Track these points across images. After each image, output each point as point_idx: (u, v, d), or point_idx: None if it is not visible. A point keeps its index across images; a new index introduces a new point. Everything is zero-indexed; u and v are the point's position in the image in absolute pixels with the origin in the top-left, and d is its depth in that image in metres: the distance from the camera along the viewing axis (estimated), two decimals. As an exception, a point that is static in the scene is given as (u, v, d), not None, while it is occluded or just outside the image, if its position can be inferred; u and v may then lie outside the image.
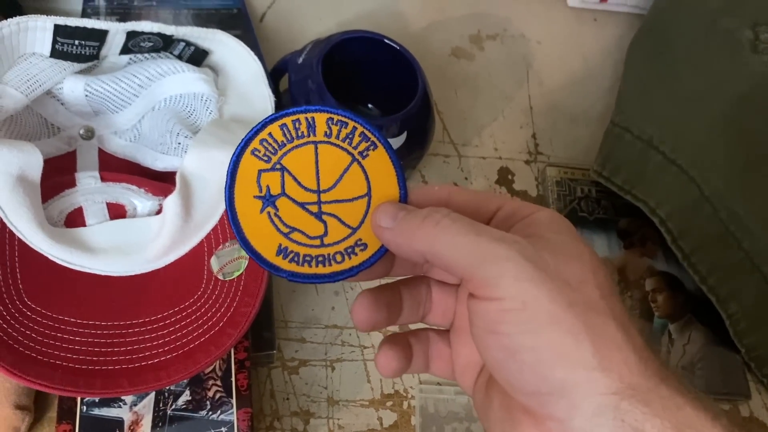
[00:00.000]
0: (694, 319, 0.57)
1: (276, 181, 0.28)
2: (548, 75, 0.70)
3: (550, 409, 0.24)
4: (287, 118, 0.29)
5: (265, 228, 0.28)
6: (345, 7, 0.69)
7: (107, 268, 0.43)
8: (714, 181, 0.53)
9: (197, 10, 0.64)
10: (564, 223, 0.27)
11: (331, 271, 0.28)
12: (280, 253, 0.28)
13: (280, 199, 0.28)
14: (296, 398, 0.50)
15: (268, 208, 0.28)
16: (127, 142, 0.52)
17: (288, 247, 0.28)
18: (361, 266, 0.28)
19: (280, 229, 0.28)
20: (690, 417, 0.23)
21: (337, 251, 0.28)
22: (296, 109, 0.29)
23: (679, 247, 0.54)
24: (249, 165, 0.28)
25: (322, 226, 0.28)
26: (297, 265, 0.28)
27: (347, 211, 0.28)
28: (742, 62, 0.56)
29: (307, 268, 0.28)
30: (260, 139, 0.28)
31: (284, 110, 0.29)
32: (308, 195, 0.28)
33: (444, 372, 0.32)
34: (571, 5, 0.74)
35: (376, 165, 0.29)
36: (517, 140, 0.65)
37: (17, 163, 0.41)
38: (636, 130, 0.56)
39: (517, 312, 0.24)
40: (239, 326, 0.42)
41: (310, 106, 0.29)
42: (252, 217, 0.28)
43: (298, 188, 0.28)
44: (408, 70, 0.55)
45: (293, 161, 0.28)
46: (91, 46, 0.47)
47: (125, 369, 0.40)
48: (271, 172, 0.28)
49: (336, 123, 0.29)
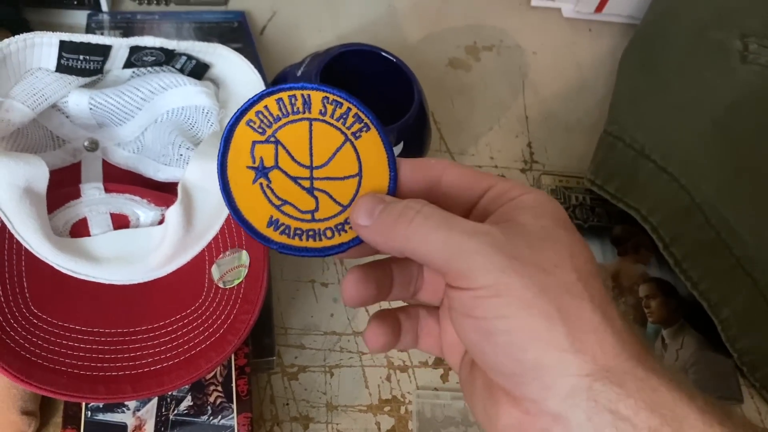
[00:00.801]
0: (687, 324, 0.58)
1: (270, 153, 0.28)
2: (544, 84, 0.71)
3: (524, 390, 0.25)
4: (284, 93, 0.29)
5: (257, 199, 0.28)
6: (344, 20, 0.71)
7: (111, 277, 0.44)
8: (704, 188, 0.54)
9: (199, 23, 0.65)
10: (549, 206, 0.28)
11: (322, 246, 0.28)
12: (270, 225, 0.28)
13: (272, 172, 0.28)
14: (296, 403, 0.51)
15: (260, 180, 0.28)
16: (131, 154, 0.53)
17: (279, 219, 0.28)
18: (350, 243, 0.29)
19: (271, 201, 0.28)
20: (665, 397, 0.24)
21: (328, 227, 0.28)
22: (293, 84, 0.29)
23: (671, 254, 0.55)
24: (243, 135, 0.28)
25: (314, 201, 0.29)
26: (288, 238, 0.28)
27: (338, 189, 0.29)
28: (732, 72, 0.57)
29: (298, 241, 0.28)
30: (256, 111, 0.29)
31: (281, 85, 0.29)
32: (301, 170, 0.29)
33: (432, 348, 0.32)
34: (566, 16, 0.76)
35: (368, 146, 0.30)
36: (513, 149, 0.66)
37: (24, 176, 0.42)
38: (628, 138, 0.57)
39: (490, 299, 0.25)
40: (239, 333, 0.43)
41: (307, 83, 0.29)
42: (244, 187, 0.28)
43: (291, 162, 0.29)
44: (404, 82, 0.56)
45: (287, 135, 0.29)
46: (96, 61, 0.49)
47: (128, 375, 0.41)
48: (265, 144, 0.28)
49: (331, 102, 0.29)
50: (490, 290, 0.25)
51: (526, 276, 0.25)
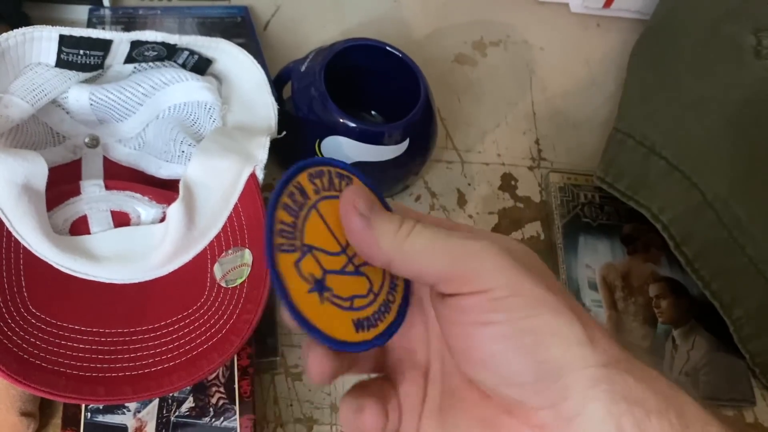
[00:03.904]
0: (698, 324, 0.57)
1: (312, 264, 0.27)
2: (551, 81, 0.70)
3: (543, 397, 0.24)
4: (283, 197, 0.27)
5: (334, 314, 0.26)
6: (349, 15, 0.70)
7: (111, 276, 0.43)
8: (717, 186, 0.53)
9: (201, 18, 0.65)
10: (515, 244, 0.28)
11: (396, 312, 0.28)
12: (358, 329, 0.27)
13: (326, 279, 0.27)
14: (299, 405, 0.50)
15: (325, 294, 0.26)
16: (132, 150, 0.52)
17: (359, 317, 0.27)
18: (407, 287, 0.29)
19: (344, 307, 0.27)
20: (664, 384, 0.24)
21: (387, 291, 0.28)
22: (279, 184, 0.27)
23: (682, 253, 0.54)
24: (286, 264, 0.26)
25: (365, 279, 0.28)
26: (374, 329, 0.27)
27: None
28: (745, 68, 0.56)
29: (381, 324, 0.28)
30: (278, 231, 0.26)
31: (273, 193, 0.27)
32: (340, 259, 0.28)
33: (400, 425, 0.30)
34: (574, 11, 0.75)
35: None
36: (521, 146, 0.65)
37: (22, 173, 0.41)
38: (638, 135, 0.56)
39: (509, 299, 0.24)
40: (242, 333, 0.42)
41: (289, 171, 0.27)
42: (319, 312, 0.26)
43: (330, 258, 0.27)
44: (410, 77, 0.55)
45: (312, 235, 0.27)
46: (96, 56, 0.48)
47: (129, 376, 0.40)
48: (303, 259, 0.26)
49: (315, 176, 0.28)
50: (505, 289, 0.24)
51: (533, 277, 0.25)
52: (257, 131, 0.50)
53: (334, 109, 0.51)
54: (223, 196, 0.46)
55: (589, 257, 0.58)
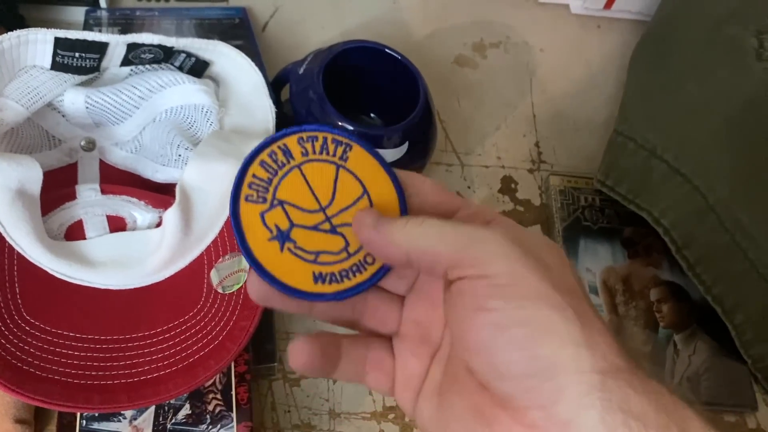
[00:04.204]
0: (700, 329, 0.56)
1: (281, 216, 0.28)
2: (551, 83, 0.69)
3: (534, 396, 0.24)
4: (263, 154, 0.29)
5: (293, 264, 0.28)
6: (347, 16, 0.69)
7: (106, 282, 0.43)
8: (718, 190, 0.53)
9: (199, 20, 0.64)
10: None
11: (370, 275, 0.28)
12: (317, 280, 0.28)
13: (292, 231, 0.28)
14: (297, 411, 0.50)
15: (286, 244, 0.28)
16: (128, 154, 0.52)
17: (322, 271, 0.28)
18: None
19: (306, 259, 0.28)
20: (667, 399, 0.24)
21: (366, 254, 0.29)
22: (264, 142, 0.29)
23: (683, 257, 0.53)
24: (249, 212, 0.28)
25: (341, 238, 0.29)
26: (338, 284, 0.28)
27: None
28: (747, 70, 0.55)
29: (347, 282, 0.28)
30: (248, 184, 0.29)
31: (255, 148, 0.29)
32: (315, 216, 0.29)
33: (381, 384, 0.30)
34: (574, 12, 0.74)
35: (358, 163, 0.30)
36: (520, 149, 0.65)
37: (16, 177, 0.41)
38: (640, 138, 0.56)
39: (508, 287, 0.24)
40: (239, 340, 0.42)
41: (276, 134, 0.30)
42: (276, 260, 0.28)
43: (303, 214, 0.29)
44: (410, 80, 0.55)
45: (287, 191, 0.29)
46: (92, 59, 0.47)
47: (124, 384, 0.40)
48: (271, 210, 0.28)
49: (307, 140, 0.30)
50: (506, 277, 0.24)
51: (540, 270, 0.25)
52: (255, 134, 0.49)
53: (332, 112, 0.51)
54: (220, 200, 0.45)
55: (590, 261, 0.58)
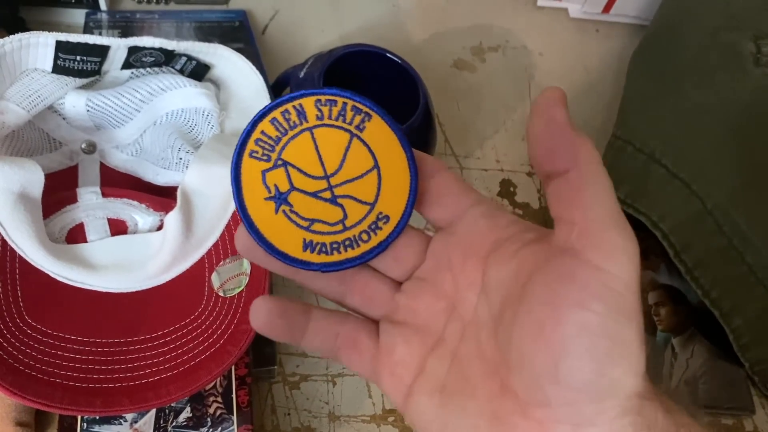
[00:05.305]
0: (698, 332, 0.57)
1: (282, 177, 0.28)
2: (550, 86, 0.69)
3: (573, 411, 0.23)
4: (276, 111, 0.28)
5: (285, 227, 0.27)
6: (347, 20, 0.69)
7: (108, 285, 0.43)
8: (717, 194, 0.53)
9: (199, 23, 0.64)
10: None
11: (361, 252, 0.28)
12: (306, 248, 0.27)
13: (291, 195, 0.28)
14: (297, 414, 0.50)
15: (282, 207, 0.27)
16: (129, 157, 0.52)
17: (313, 239, 0.27)
18: (389, 238, 0.28)
19: (299, 225, 0.27)
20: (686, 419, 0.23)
21: (362, 230, 0.28)
22: (281, 99, 0.28)
23: (682, 261, 0.54)
24: (251, 168, 0.27)
25: (340, 210, 0.28)
26: (327, 255, 0.27)
27: (360, 189, 0.28)
28: (745, 75, 0.56)
29: (337, 255, 0.27)
30: (255, 140, 0.28)
31: (269, 104, 0.28)
32: (318, 183, 0.28)
33: (358, 365, 0.29)
34: (573, 16, 0.74)
35: (375, 134, 0.28)
36: (519, 152, 0.65)
37: (18, 181, 0.41)
38: (638, 143, 0.56)
39: (618, 294, 0.23)
40: (240, 343, 0.42)
41: (295, 93, 0.28)
42: (269, 220, 0.27)
43: (305, 179, 0.28)
44: (410, 84, 0.55)
45: (293, 153, 0.28)
46: (93, 62, 0.47)
47: (126, 387, 0.40)
48: (274, 169, 0.28)
49: (325, 103, 0.28)
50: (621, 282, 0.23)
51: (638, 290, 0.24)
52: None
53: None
54: (221, 204, 0.45)
55: (589, 264, 0.58)
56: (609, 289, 0.23)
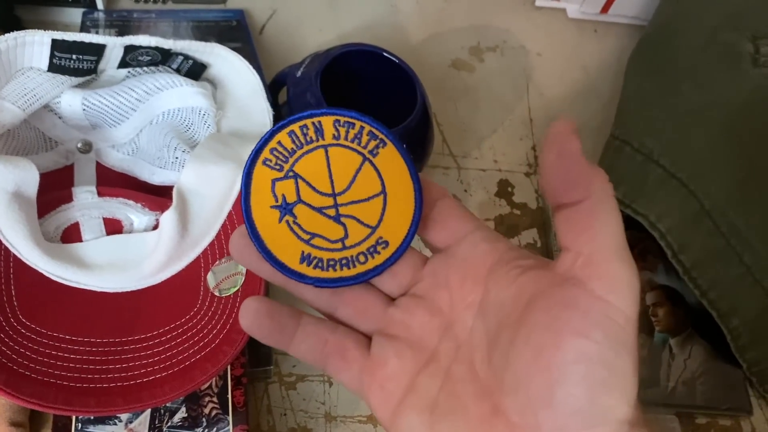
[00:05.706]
0: (696, 333, 0.56)
1: (291, 189, 0.28)
2: (548, 86, 0.69)
3: None
4: (294, 125, 0.29)
5: (286, 237, 0.28)
6: (345, 20, 0.69)
7: (103, 285, 0.42)
8: (714, 194, 0.53)
9: (196, 22, 0.64)
10: None
11: (356, 273, 0.28)
12: (303, 261, 0.27)
13: (297, 207, 0.28)
14: (293, 414, 0.50)
15: (286, 217, 0.28)
16: (125, 156, 0.52)
17: (311, 253, 0.28)
18: (385, 264, 0.28)
19: (300, 237, 0.28)
20: None
21: (360, 252, 0.28)
22: (302, 114, 0.29)
23: (679, 262, 0.53)
24: (262, 175, 0.28)
25: (342, 228, 0.28)
26: (322, 271, 0.28)
27: (365, 211, 0.29)
28: (743, 75, 0.56)
29: (332, 272, 0.28)
30: (270, 148, 0.28)
31: (290, 117, 0.29)
32: (324, 199, 0.28)
33: (343, 376, 0.29)
34: (571, 16, 0.74)
35: (387, 162, 0.29)
36: (517, 152, 0.65)
37: (13, 180, 0.41)
38: (636, 143, 0.56)
39: (616, 326, 0.23)
40: (236, 343, 0.42)
41: (316, 110, 0.29)
42: (271, 227, 0.28)
43: (313, 194, 0.28)
44: (407, 83, 0.55)
45: (305, 167, 0.28)
46: (89, 61, 0.47)
47: (120, 387, 0.39)
48: (284, 180, 0.28)
49: (343, 124, 0.29)
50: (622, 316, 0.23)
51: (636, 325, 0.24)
52: (252, 137, 0.49)
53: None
54: (217, 203, 0.45)
55: (586, 265, 0.58)
56: (610, 320, 0.23)
